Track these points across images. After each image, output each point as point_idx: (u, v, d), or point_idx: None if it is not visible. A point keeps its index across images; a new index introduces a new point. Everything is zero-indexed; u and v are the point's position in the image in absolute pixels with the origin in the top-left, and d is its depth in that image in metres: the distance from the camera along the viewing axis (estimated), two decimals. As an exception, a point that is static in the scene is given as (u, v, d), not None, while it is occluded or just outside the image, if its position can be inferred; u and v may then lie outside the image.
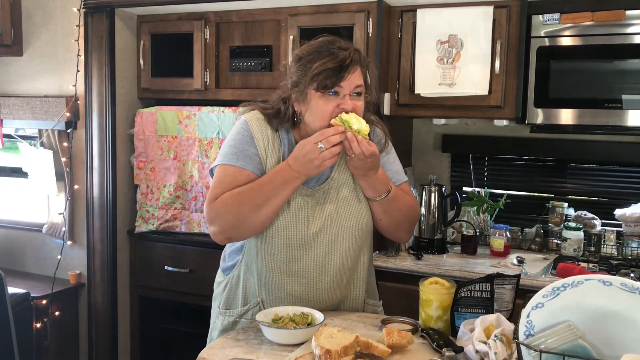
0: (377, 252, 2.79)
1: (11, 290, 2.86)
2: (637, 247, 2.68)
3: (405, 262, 2.66)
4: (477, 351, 1.40)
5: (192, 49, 3.12)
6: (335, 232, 1.72)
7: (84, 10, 3.19)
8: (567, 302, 1.22)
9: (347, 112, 1.63)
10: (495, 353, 1.35)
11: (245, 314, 1.78)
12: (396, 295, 2.61)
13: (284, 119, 1.73)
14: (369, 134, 1.66)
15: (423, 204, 2.85)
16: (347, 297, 1.80)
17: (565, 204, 2.89)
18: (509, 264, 2.62)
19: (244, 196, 1.64)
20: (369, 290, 1.88)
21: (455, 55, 2.69)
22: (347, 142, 1.59)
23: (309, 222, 1.71)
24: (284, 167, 1.65)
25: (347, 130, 1.59)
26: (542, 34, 2.59)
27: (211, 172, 1.77)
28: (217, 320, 1.85)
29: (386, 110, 2.82)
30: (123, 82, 3.25)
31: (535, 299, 1.25)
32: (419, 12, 2.74)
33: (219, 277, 1.89)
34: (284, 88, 1.74)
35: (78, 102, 3.36)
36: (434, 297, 1.63)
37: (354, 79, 1.64)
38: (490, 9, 2.63)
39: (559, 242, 2.83)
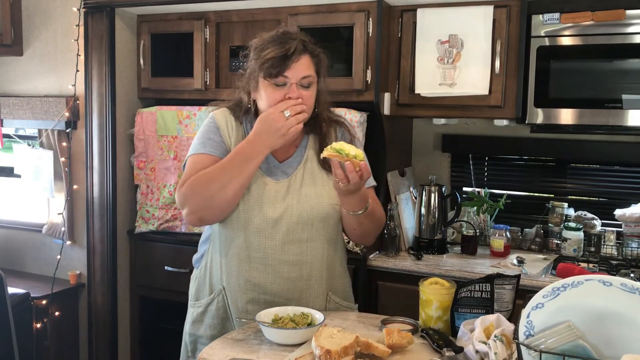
0: (377, 252, 2.79)
1: (11, 290, 2.87)
2: (637, 247, 2.68)
3: (405, 262, 2.66)
4: (477, 351, 1.40)
5: (192, 49, 3.12)
6: (295, 221, 1.74)
7: (84, 10, 3.19)
8: (567, 303, 1.22)
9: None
10: (495, 353, 1.35)
11: (212, 303, 1.82)
12: (396, 295, 2.62)
13: (246, 108, 1.80)
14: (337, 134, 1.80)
15: (423, 204, 2.85)
16: (308, 291, 1.79)
17: (565, 204, 2.89)
18: (509, 264, 2.62)
19: (209, 175, 1.68)
20: (340, 291, 1.88)
21: (456, 55, 2.69)
22: (341, 170, 1.58)
23: (269, 208, 1.74)
24: (245, 144, 1.69)
25: (346, 159, 1.56)
26: (542, 34, 2.59)
27: (183, 167, 1.81)
28: (188, 313, 1.90)
29: (386, 110, 2.82)
30: (123, 82, 3.25)
31: (535, 299, 1.25)
32: (419, 11, 2.74)
33: (193, 272, 1.94)
34: (242, 77, 1.80)
35: (78, 102, 3.36)
36: (434, 297, 1.63)
37: (300, 69, 1.69)
38: (490, 8, 2.63)
39: (559, 242, 2.83)
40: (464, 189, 3.15)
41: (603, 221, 2.85)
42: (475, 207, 2.97)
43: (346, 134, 1.87)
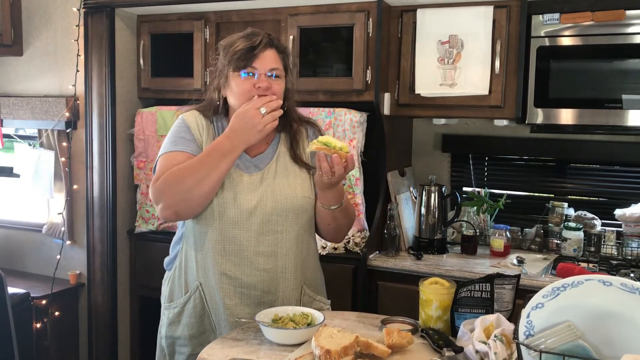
0: (377, 252, 2.79)
1: (11, 290, 2.86)
2: (637, 247, 2.68)
3: (405, 262, 2.66)
4: (477, 351, 1.40)
5: (192, 49, 3.12)
6: (269, 212, 1.75)
7: (83, 10, 3.19)
8: (567, 302, 1.22)
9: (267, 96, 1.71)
10: (495, 353, 1.35)
11: (188, 302, 1.81)
12: (396, 295, 2.62)
13: (217, 106, 1.82)
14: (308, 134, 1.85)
15: (423, 204, 2.85)
16: (285, 284, 1.80)
17: (565, 204, 2.89)
18: (509, 264, 2.62)
19: (185, 170, 1.69)
20: (313, 285, 1.89)
21: (456, 56, 2.69)
22: (326, 163, 1.63)
23: (243, 198, 1.75)
24: (221, 139, 1.71)
25: (333, 151, 1.62)
26: (542, 34, 2.59)
27: (154, 168, 1.81)
28: (163, 316, 1.89)
29: (386, 110, 2.82)
30: (123, 82, 3.25)
31: (535, 299, 1.25)
32: (419, 12, 2.74)
33: (165, 275, 1.93)
34: (212, 76, 1.84)
35: (78, 102, 3.36)
36: (434, 297, 1.63)
37: (267, 61, 1.73)
38: (490, 9, 2.63)
39: (559, 242, 2.83)
40: (464, 189, 3.15)
41: (603, 221, 2.85)
42: (475, 207, 2.97)
43: (317, 134, 1.91)
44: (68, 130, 3.38)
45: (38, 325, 3.26)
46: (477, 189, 3.07)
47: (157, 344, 1.92)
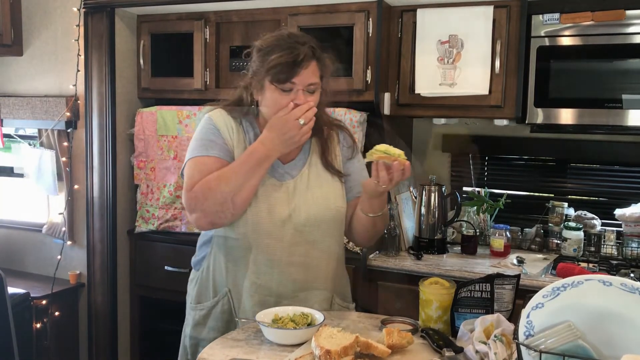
0: (377, 252, 2.79)
1: (11, 290, 2.86)
2: (637, 247, 2.68)
3: (405, 262, 2.66)
4: (477, 351, 1.40)
5: (192, 49, 3.12)
6: (302, 222, 1.74)
7: (84, 10, 3.19)
8: (567, 303, 1.22)
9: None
10: (495, 353, 1.35)
11: (216, 306, 1.80)
12: (396, 295, 2.62)
13: (246, 107, 1.78)
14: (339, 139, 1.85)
15: (423, 203, 2.85)
16: (314, 293, 1.79)
17: (565, 204, 2.89)
18: (509, 264, 2.62)
19: (221, 178, 1.66)
20: (340, 292, 1.88)
21: (456, 56, 2.69)
22: (384, 172, 1.63)
23: (277, 208, 1.73)
24: (256, 147, 1.69)
25: (393, 159, 1.62)
26: (542, 34, 2.59)
27: (182, 174, 1.78)
28: (189, 316, 1.88)
29: (386, 110, 2.82)
30: (123, 82, 3.25)
31: (535, 299, 1.25)
32: (419, 12, 2.74)
33: (191, 274, 1.92)
34: (245, 76, 1.79)
35: (78, 101, 3.35)
36: (434, 297, 1.63)
37: (307, 76, 1.68)
38: (490, 8, 2.63)
39: (559, 242, 2.83)
40: (464, 188, 3.15)
41: (603, 221, 2.85)
42: (475, 207, 2.97)
43: (348, 139, 1.90)
44: (68, 130, 3.38)
45: (38, 325, 3.26)
46: (477, 189, 3.07)
47: (181, 342, 1.91)
